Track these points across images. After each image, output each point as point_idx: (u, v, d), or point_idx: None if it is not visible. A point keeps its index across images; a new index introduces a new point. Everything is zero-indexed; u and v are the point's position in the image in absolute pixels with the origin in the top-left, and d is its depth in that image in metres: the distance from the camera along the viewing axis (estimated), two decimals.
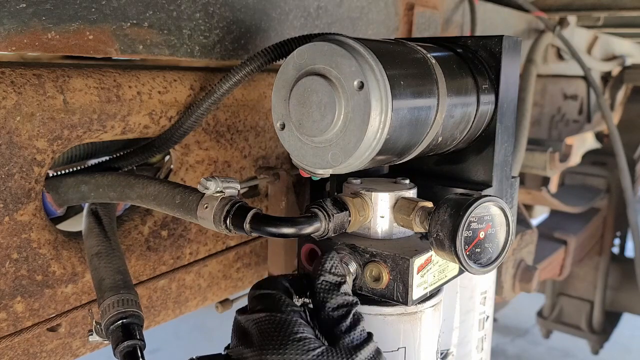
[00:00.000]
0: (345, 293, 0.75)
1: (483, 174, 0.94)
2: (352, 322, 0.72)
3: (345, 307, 0.73)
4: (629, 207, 2.34)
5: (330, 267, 0.76)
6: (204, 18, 0.99)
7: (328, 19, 1.24)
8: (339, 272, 0.76)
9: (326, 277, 0.75)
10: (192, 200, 0.80)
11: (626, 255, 3.83)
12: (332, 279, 0.75)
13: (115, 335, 0.78)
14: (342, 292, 0.74)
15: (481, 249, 0.78)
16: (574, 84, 2.93)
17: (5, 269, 0.85)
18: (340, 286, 0.75)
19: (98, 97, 0.89)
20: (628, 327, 4.24)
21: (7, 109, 0.79)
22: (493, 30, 1.92)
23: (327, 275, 0.76)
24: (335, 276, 0.76)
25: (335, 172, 0.75)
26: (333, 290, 0.74)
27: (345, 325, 0.71)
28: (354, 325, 0.71)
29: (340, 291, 0.74)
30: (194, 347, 4.37)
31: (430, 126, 0.78)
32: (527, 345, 4.59)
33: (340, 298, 0.74)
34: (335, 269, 0.77)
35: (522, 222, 1.94)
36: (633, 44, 3.66)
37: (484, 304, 1.10)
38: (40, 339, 0.93)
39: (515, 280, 1.86)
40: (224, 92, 0.96)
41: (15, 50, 0.77)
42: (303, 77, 0.72)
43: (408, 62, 0.76)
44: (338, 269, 0.77)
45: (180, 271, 1.13)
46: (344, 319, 0.72)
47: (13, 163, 0.83)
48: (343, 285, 0.75)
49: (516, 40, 0.93)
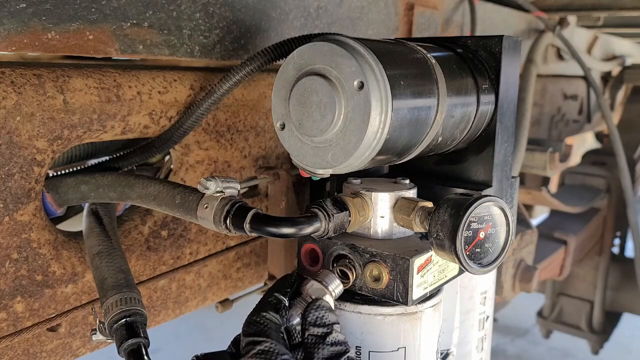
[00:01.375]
0: (333, 343, 0.74)
1: (483, 174, 0.94)
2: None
3: (334, 358, 0.73)
4: (629, 207, 2.34)
5: (314, 319, 0.76)
6: (204, 18, 0.99)
7: (328, 19, 1.24)
8: (325, 322, 0.76)
9: (312, 331, 0.75)
10: (192, 200, 0.80)
11: (626, 255, 3.82)
12: (317, 331, 0.75)
13: (119, 333, 0.78)
14: (328, 342, 0.74)
15: (481, 249, 0.78)
16: (574, 84, 2.93)
17: (5, 269, 0.85)
18: (326, 337, 0.75)
19: (98, 97, 0.89)
20: (628, 327, 4.24)
21: (7, 109, 0.80)
22: (493, 30, 1.92)
23: (312, 329, 0.75)
24: (320, 328, 0.75)
25: (335, 172, 0.75)
26: (319, 343, 0.74)
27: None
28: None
29: (326, 342, 0.74)
30: (194, 347, 4.36)
31: (430, 126, 0.78)
32: (527, 345, 4.59)
33: (327, 350, 0.74)
34: (321, 320, 0.76)
35: (522, 222, 1.94)
36: (633, 44, 3.66)
37: (484, 304, 1.10)
38: (40, 339, 0.93)
39: (515, 280, 1.86)
40: (224, 92, 0.96)
41: (15, 50, 0.77)
42: (303, 77, 0.72)
43: (408, 62, 0.76)
44: (324, 319, 0.76)
45: (180, 271, 1.13)
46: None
47: (13, 163, 0.83)
48: (330, 335, 0.75)
49: (516, 40, 0.93)
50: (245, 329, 0.73)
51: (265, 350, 0.69)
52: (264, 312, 0.74)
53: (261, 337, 0.71)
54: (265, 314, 0.74)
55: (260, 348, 0.70)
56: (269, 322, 0.73)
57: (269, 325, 0.73)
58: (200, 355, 0.72)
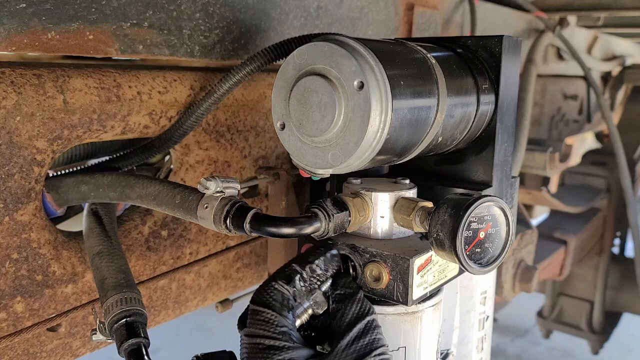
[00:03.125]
0: (360, 300, 0.77)
1: (483, 174, 0.94)
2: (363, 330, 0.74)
3: (361, 315, 0.76)
4: (629, 207, 2.34)
5: (343, 282, 0.80)
6: (204, 18, 0.99)
7: (328, 19, 1.24)
8: (352, 286, 0.80)
9: (340, 291, 0.79)
10: (192, 200, 0.80)
11: (626, 255, 3.82)
12: (345, 291, 0.79)
13: (119, 333, 0.78)
14: (356, 299, 0.77)
15: (481, 249, 0.78)
16: (574, 84, 2.93)
17: (5, 269, 0.85)
18: (354, 295, 0.78)
19: (98, 97, 0.89)
20: (628, 327, 4.24)
21: (7, 109, 0.79)
22: (493, 30, 1.92)
23: (340, 289, 0.79)
24: (348, 289, 0.79)
25: (335, 172, 0.75)
26: (347, 299, 0.77)
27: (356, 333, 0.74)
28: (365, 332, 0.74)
29: (354, 299, 0.77)
30: (194, 347, 4.37)
31: (430, 126, 0.78)
32: (527, 345, 4.59)
33: (355, 307, 0.77)
34: (349, 284, 0.80)
35: (522, 222, 1.94)
36: (633, 44, 3.66)
37: (484, 304, 1.10)
38: (40, 339, 0.93)
39: (515, 280, 1.86)
40: (224, 92, 0.96)
41: (15, 50, 0.77)
42: (303, 77, 0.72)
43: (408, 62, 0.76)
44: (352, 284, 0.80)
45: (180, 271, 1.13)
46: None
47: (13, 163, 0.83)
48: (357, 295, 0.78)
49: (516, 40, 0.93)
50: (253, 297, 0.76)
51: (264, 319, 0.72)
52: (274, 282, 0.76)
53: (263, 307, 0.73)
54: (275, 283, 0.76)
55: (260, 317, 0.72)
56: (276, 292, 0.75)
57: (274, 296, 0.74)
58: (200, 355, 0.73)
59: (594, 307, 3.60)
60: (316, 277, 0.78)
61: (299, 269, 0.77)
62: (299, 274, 0.77)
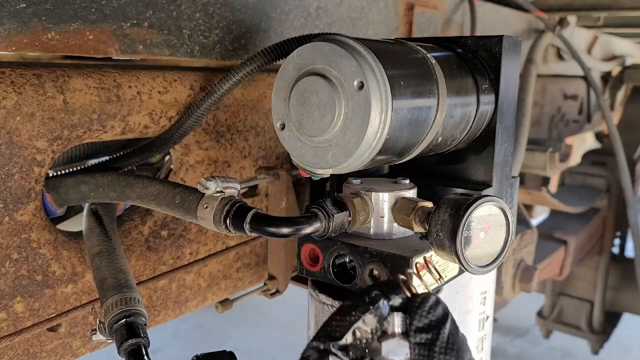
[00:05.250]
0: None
1: (483, 174, 0.94)
2: None
3: None
4: (629, 207, 2.34)
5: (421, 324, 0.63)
6: (204, 18, 0.99)
7: (328, 19, 1.24)
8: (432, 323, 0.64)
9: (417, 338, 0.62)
10: (192, 200, 0.80)
11: (626, 255, 3.82)
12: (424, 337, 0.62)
13: (119, 333, 0.78)
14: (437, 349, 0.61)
15: (481, 249, 0.78)
16: (574, 84, 2.93)
17: (5, 269, 0.85)
18: (434, 343, 0.62)
19: (98, 97, 0.89)
20: (628, 327, 4.24)
21: (7, 109, 0.80)
22: (493, 30, 1.92)
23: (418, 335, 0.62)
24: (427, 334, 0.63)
25: (335, 172, 0.75)
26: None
27: None
28: None
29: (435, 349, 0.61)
30: (194, 347, 4.36)
31: (430, 126, 0.78)
32: (527, 345, 4.59)
33: None
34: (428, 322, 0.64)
35: (522, 222, 1.94)
36: (633, 44, 3.66)
37: (484, 304, 1.10)
38: (40, 339, 0.93)
39: (515, 280, 1.86)
40: (224, 92, 0.96)
41: (15, 50, 0.77)
42: (303, 77, 0.72)
43: (408, 62, 0.76)
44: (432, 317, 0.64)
45: (180, 271, 1.13)
46: None
47: (13, 163, 0.83)
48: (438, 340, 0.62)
49: (516, 40, 0.93)
50: None
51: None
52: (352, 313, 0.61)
53: None
54: None
55: None
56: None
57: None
58: (200, 355, 0.72)
59: (594, 307, 3.59)
60: None
61: None
62: None
